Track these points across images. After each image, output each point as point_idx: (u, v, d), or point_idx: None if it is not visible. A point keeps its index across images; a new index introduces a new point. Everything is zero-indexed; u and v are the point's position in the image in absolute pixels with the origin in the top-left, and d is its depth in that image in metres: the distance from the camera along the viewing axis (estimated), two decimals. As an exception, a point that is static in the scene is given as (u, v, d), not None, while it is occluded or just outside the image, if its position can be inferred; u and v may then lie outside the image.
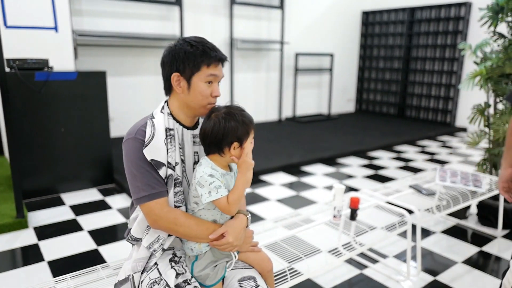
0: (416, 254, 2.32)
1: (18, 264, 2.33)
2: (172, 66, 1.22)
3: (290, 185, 3.79)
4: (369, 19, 8.01)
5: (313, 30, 7.31)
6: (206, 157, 1.24)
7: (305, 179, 3.98)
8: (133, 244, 1.31)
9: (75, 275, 1.52)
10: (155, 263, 1.25)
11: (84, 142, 3.44)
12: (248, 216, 1.30)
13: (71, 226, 2.83)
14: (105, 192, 3.53)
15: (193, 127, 1.30)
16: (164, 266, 1.23)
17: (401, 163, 4.66)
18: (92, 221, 2.92)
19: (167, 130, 1.23)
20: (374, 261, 2.42)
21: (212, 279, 1.23)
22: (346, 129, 6.41)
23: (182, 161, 1.26)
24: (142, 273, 1.24)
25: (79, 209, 3.14)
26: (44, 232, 2.74)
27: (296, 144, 5.18)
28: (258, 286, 1.24)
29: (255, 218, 3.03)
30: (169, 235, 1.26)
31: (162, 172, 1.21)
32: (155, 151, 1.19)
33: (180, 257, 1.28)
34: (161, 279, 1.18)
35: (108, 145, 3.60)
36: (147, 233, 1.26)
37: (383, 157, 4.92)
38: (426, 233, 2.82)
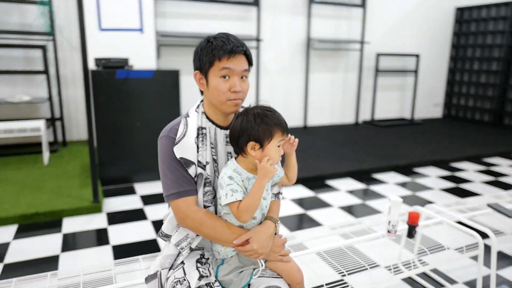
0: (490, 284, 2.03)
1: (87, 244, 2.55)
2: (194, 64, 1.23)
3: (357, 193, 3.60)
4: (464, 16, 7.28)
5: (398, 29, 6.87)
6: (233, 159, 1.21)
7: (375, 187, 3.75)
8: (165, 240, 1.33)
9: (119, 262, 1.60)
10: (182, 262, 1.25)
11: (157, 136, 3.64)
12: (277, 223, 1.24)
13: (137, 215, 3.02)
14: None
15: (227, 127, 1.27)
16: (189, 266, 1.22)
17: (490, 178, 4.14)
18: (156, 212, 3.08)
19: (200, 128, 1.23)
20: (440, 285, 2.18)
21: (236, 285, 1.19)
22: (429, 135, 5.90)
23: (214, 160, 1.25)
24: (169, 270, 1.26)
25: (148, 199, 3.34)
26: (114, 218, 2.96)
27: (370, 149, 4.91)
28: (283, 298, 1.17)
29: (313, 223, 2.93)
30: (198, 235, 1.25)
31: (192, 170, 1.20)
32: (185, 149, 1.20)
33: (208, 259, 1.27)
34: (185, 279, 1.18)
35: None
36: (176, 231, 1.26)
37: (469, 169, 4.43)
38: (507, 260, 2.46)
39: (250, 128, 1.14)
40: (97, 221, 2.89)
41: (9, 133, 3.75)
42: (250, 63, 1.23)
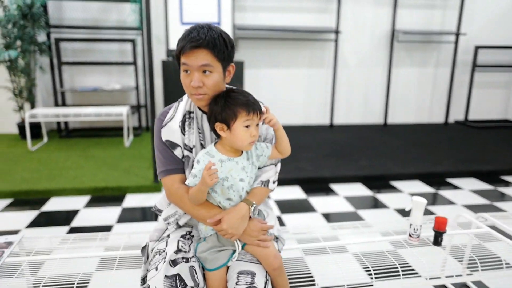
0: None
1: (139, 219, 2.79)
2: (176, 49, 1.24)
3: (423, 196, 3.29)
4: None
5: (502, 18, 6.02)
6: (212, 143, 1.25)
7: (446, 193, 3.39)
8: (158, 214, 1.41)
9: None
10: (168, 236, 1.32)
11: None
12: (251, 206, 1.23)
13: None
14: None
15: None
16: (172, 240, 1.28)
17: None
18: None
19: (187, 113, 1.28)
20: (487, 305, 1.91)
21: (212, 264, 1.22)
22: (533, 141, 5.10)
23: (202, 145, 1.28)
24: (156, 242, 1.33)
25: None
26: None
27: (449, 151, 4.44)
28: (253, 283, 1.16)
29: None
30: (185, 213, 1.30)
31: (178, 152, 1.27)
32: (170, 132, 1.26)
33: (193, 236, 1.31)
34: (164, 251, 1.24)
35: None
36: (167, 207, 1.34)
37: None
38: None
39: (215, 110, 1.17)
40: (154, 199, 3.14)
41: (98, 116, 4.27)
42: (220, 56, 1.17)
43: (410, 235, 1.59)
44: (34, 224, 2.67)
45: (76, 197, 3.15)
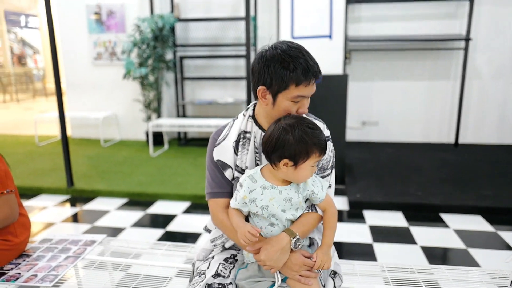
0: None
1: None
2: (260, 77, 1.12)
3: None
4: None
5: None
6: (259, 166, 1.17)
7: None
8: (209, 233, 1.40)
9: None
10: (213, 257, 1.29)
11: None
12: (292, 238, 1.11)
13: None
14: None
15: None
16: (215, 262, 1.25)
17: None
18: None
19: (242, 132, 1.23)
20: None
21: (249, 292, 1.14)
22: None
23: (258, 165, 1.22)
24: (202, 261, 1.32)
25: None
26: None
27: None
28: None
29: (465, 263, 2.33)
30: None
31: (228, 173, 1.23)
32: (223, 152, 1.23)
33: (237, 260, 1.26)
34: (203, 273, 1.21)
35: (342, 148, 3.67)
36: (215, 228, 1.31)
37: None
38: None
39: (287, 144, 1.06)
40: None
41: (207, 128, 4.57)
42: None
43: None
44: (138, 224, 2.97)
45: (178, 202, 3.40)
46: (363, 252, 2.48)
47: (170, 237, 2.74)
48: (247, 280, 1.17)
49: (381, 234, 2.75)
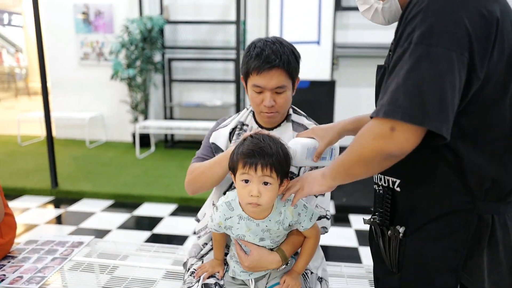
0: None
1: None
2: (242, 66, 1.21)
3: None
4: None
5: None
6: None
7: None
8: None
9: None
10: (205, 254, 1.30)
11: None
12: (283, 265, 1.11)
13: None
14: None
15: (271, 128, 1.26)
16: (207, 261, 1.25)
17: None
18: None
19: (241, 124, 1.28)
20: None
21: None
22: None
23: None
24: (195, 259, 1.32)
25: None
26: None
27: None
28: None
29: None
30: None
31: None
32: (218, 137, 1.28)
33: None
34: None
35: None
36: (203, 217, 1.33)
37: None
38: None
39: (231, 155, 1.05)
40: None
41: (196, 130, 4.57)
42: (293, 75, 1.16)
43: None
44: (124, 226, 2.94)
45: (165, 204, 3.38)
46: (349, 256, 2.52)
47: (157, 239, 2.72)
48: (231, 284, 1.17)
49: (367, 238, 2.78)
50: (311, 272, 1.26)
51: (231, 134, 1.27)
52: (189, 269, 1.29)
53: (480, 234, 0.74)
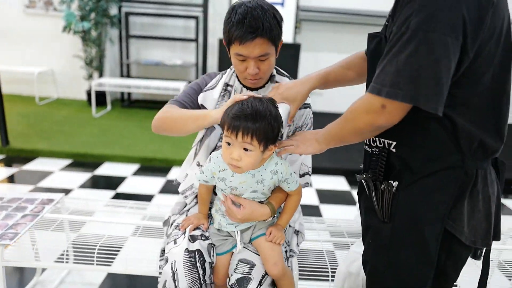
0: None
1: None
2: (223, 34, 1.18)
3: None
4: None
5: None
6: None
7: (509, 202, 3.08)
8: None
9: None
10: (188, 210, 1.33)
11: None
12: (271, 217, 1.19)
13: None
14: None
15: (256, 88, 1.27)
16: (192, 214, 1.29)
17: None
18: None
19: (225, 85, 1.29)
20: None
21: (219, 249, 1.21)
22: None
23: None
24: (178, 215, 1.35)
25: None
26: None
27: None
28: (249, 274, 1.13)
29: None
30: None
31: None
32: (207, 99, 1.28)
33: (210, 212, 1.30)
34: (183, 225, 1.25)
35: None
36: (184, 180, 1.34)
37: None
38: None
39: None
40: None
41: (156, 90, 4.45)
42: (276, 41, 1.15)
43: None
44: (86, 185, 2.88)
45: (127, 164, 3.32)
46: (313, 213, 2.66)
47: (122, 198, 2.70)
48: (216, 238, 1.23)
49: (326, 196, 2.95)
50: (289, 226, 1.34)
51: (219, 97, 1.28)
52: (172, 224, 1.33)
53: (465, 187, 0.84)
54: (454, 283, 0.96)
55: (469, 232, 0.85)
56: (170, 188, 2.92)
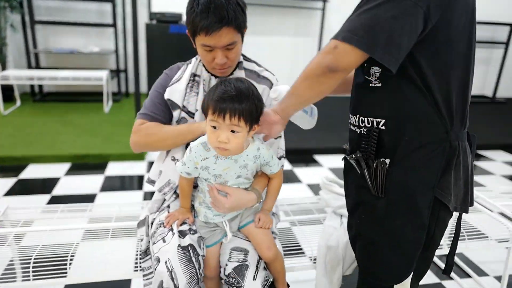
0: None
1: (123, 188, 2.74)
2: (187, 24, 1.15)
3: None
4: None
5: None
6: None
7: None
8: (152, 186, 1.37)
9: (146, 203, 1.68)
10: (168, 206, 1.28)
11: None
12: (259, 201, 1.20)
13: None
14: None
15: (226, 77, 1.25)
16: (174, 209, 1.25)
17: None
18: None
19: (193, 75, 1.25)
20: (466, 275, 1.99)
21: (208, 240, 1.20)
22: (510, 117, 5.26)
23: None
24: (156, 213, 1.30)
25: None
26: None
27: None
28: (245, 261, 1.15)
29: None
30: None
31: (176, 114, 1.24)
32: (174, 92, 1.24)
33: (193, 205, 1.28)
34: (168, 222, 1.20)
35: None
36: (158, 177, 1.29)
37: (546, 158, 3.89)
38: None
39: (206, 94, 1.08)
40: (137, 168, 3.08)
41: (76, 80, 4.08)
42: (241, 29, 1.15)
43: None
44: (12, 192, 2.58)
45: (56, 164, 3.04)
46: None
47: (60, 202, 2.47)
48: (204, 229, 1.21)
49: (289, 178, 3.03)
50: None
51: (186, 88, 1.25)
52: (152, 223, 1.27)
53: (450, 158, 0.93)
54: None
55: (453, 199, 0.97)
56: (114, 184, 2.76)
